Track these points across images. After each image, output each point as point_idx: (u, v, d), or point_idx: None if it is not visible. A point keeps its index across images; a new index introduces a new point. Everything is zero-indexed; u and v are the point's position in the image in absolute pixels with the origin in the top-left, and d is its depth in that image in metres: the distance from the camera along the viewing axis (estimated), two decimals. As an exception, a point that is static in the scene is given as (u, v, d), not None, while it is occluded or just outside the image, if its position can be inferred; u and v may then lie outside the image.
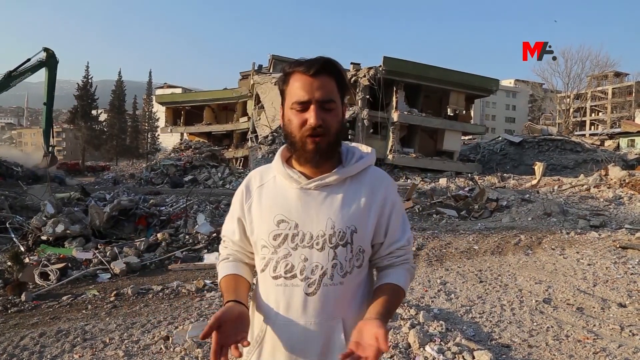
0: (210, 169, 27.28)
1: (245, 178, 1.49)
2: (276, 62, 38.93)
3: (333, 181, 1.34)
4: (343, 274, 1.31)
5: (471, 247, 8.56)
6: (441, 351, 3.62)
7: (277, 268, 1.33)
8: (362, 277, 1.39)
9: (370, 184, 1.38)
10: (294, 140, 1.32)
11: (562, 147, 33.08)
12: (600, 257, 7.49)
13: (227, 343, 1.17)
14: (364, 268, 1.38)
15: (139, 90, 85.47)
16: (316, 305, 1.29)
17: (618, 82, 72.58)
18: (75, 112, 53.00)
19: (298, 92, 1.29)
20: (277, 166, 1.41)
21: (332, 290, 1.30)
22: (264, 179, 1.44)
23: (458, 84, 32.09)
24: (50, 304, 5.29)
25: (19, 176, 25.17)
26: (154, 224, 9.28)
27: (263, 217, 1.37)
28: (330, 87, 1.30)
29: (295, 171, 1.36)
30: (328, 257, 1.30)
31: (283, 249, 1.33)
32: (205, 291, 5.82)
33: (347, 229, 1.32)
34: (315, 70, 1.28)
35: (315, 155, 1.31)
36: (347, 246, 1.32)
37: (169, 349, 3.86)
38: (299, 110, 1.29)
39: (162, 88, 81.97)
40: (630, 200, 14.15)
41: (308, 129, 1.28)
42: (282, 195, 1.37)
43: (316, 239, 1.31)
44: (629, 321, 4.60)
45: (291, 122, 1.31)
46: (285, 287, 1.31)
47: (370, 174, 1.41)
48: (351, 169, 1.37)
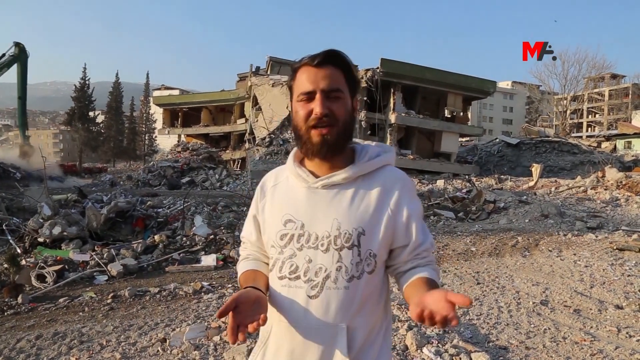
0: (208, 170, 27.31)
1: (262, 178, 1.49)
2: (274, 64, 38.89)
3: (341, 180, 1.30)
4: (349, 278, 1.25)
5: (468, 249, 8.57)
6: (438, 353, 3.62)
7: (283, 268, 1.30)
8: (374, 283, 1.31)
9: (383, 184, 1.31)
10: (300, 133, 1.29)
11: (559, 149, 33.12)
12: (597, 258, 7.50)
13: (243, 323, 1.15)
14: (376, 274, 1.30)
15: (137, 91, 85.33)
16: (318, 308, 1.24)
17: (615, 84, 72.90)
18: (73, 114, 52.80)
19: (303, 84, 1.26)
20: (289, 165, 1.38)
21: (336, 295, 1.24)
22: (279, 178, 1.42)
23: (455, 85, 32.12)
24: (47, 306, 5.27)
25: (16, 178, 25.11)
26: (151, 225, 9.26)
27: (273, 217, 1.35)
28: (336, 77, 1.27)
29: (304, 170, 1.33)
30: (332, 259, 1.25)
31: (289, 249, 1.30)
32: (202, 293, 5.80)
33: (354, 230, 1.26)
34: (320, 61, 1.26)
35: (322, 147, 1.27)
36: (354, 249, 1.26)
37: (166, 351, 3.85)
38: (305, 101, 1.27)
39: (160, 90, 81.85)
40: (627, 202, 14.18)
41: (313, 119, 1.25)
42: (291, 195, 1.34)
43: (321, 240, 1.27)
44: (626, 323, 4.61)
45: (297, 113, 1.28)
46: (289, 288, 1.28)
47: (386, 174, 1.34)
48: (362, 167, 1.31)
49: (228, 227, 9.25)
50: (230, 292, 5.82)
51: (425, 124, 31.45)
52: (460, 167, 31.15)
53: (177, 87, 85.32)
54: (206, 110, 45.57)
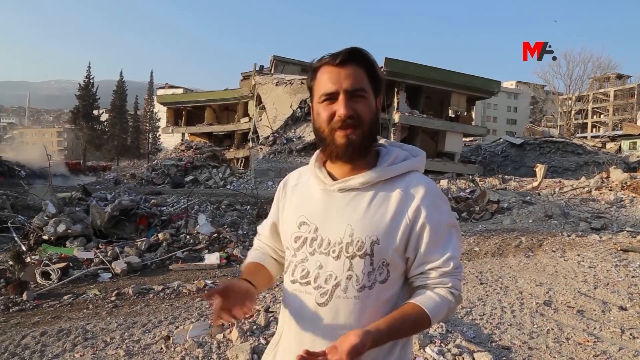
0: (211, 169, 27.35)
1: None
2: (277, 62, 38.94)
3: (359, 185, 1.23)
4: (359, 287, 1.19)
5: (472, 249, 8.55)
6: (441, 353, 3.62)
7: (295, 272, 1.27)
8: (389, 294, 1.22)
9: (404, 190, 1.23)
10: (323, 135, 1.24)
11: (563, 149, 33.05)
12: (601, 259, 7.48)
13: (228, 308, 1.15)
14: (391, 285, 1.22)
15: (141, 90, 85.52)
16: (326, 317, 1.19)
17: (620, 85, 72.54)
18: (77, 112, 52.97)
19: (325, 84, 1.21)
20: (310, 165, 1.35)
21: (345, 304, 1.19)
22: (301, 178, 1.38)
23: (459, 85, 32.10)
24: (52, 304, 5.30)
25: (20, 176, 25.24)
26: (155, 224, 9.29)
27: (290, 218, 1.32)
28: (359, 76, 1.20)
29: (323, 171, 1.29)
30: (343, 267, 1.20)
31: (301, 252, 1.26)
32: (205, 291, 5.82)
33: (368, 238, 1.19)
34: (342, 60, 1.19)
35: (347, 149, 1.21)
36: (366, 258, 1.19)
37: (170, 348, 3.86)
38: (327, 102, 1.21)
39: (164, 88, 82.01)
40: (631, 202, 14.12)
41: (338, 121, 1.19)
42: (308, 197, 1.31)
43: (333, 246, 1.21)
44: (629, 324, 4.60)
45: (319, 115, 1.23)
46: (299, 293, 1.25)
47: (408, 180, 1.25)
48: (383, 172, 1.23)
49: (231, 226, 9.28)
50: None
51: (429, 124, 31.44)
52: (464, 167, 31.12)
53: (181, 86, 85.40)
54: (210, 109, 45.70)
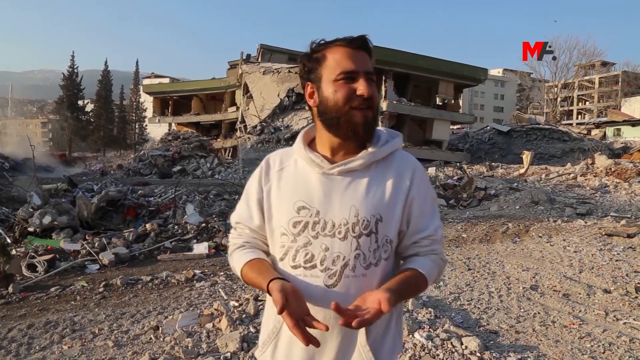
0: (199, 159, 27.12)
1: (262, 162, 1.40)
2: (265, 51, 38.59)
3: (358, 166, 1.27)
4: (366, 265, 1.24)
5: (460, 236, 8.63)
6: (430, 338, 3.66)
7: (297, 257, 1.26)
8: (388, 269, 1.30)
9: (397, 169, 1.30)
10: (336, 115, 1.24)
11: (549, 136, 33.33)
12: (586, 244, 7.60)
13: (299, 316, 1.12)
14: (390, 260, 1.30)
15: (126, 80, 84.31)
16: (338, 297, 1.19)
17: (605, 72, 73.20)
18: (61, 103, 52.19)
19: (344, 62, 1.24)
20: (299, 149, 1.33)
21: (354, 282, 1.23)
22: (284, 162, 1.36)
23: (447, 73, 32.10)
24: (39, 296, 5.26)
25: (4, 168, 24.85)
26: (142, 214, 9.23)
27: (282, 203, 1.30)
28: (369, 62, 1.28)
29: (317, 155, 1.29)
30: (351, 247, 1.23)
31: (303, 237, 1.26)
32: (194, 281, 5.81)
33: (372, 217, 1.24)
34: (359, 45, 1.25)
35: (365, 127, 1.25)
36: (372, 236, 1.24)
37: (159, 338, 3.86)
38: (344, 81, 1.23)
39: (150, 78, 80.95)
40: (615, 188, 14.34)
41: (359, 100, 1.23)
42: (303, 181, 1.30)
43: (338, 228, 1.24)
44: (613, 306, 4.68)
45: (335, 93, 1.24)
46: (304, 277, 1.24)
47: (398, 159, 1.33)
48: (378, 153, 1.29)
49: (220, 216, 9.24)
50: (222, 279, 5.82)
51: (417, 112, 31.46)
52: (451, 154, 31.24)
53: (167, 75, 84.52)
54: (197, 99, 45.26)
